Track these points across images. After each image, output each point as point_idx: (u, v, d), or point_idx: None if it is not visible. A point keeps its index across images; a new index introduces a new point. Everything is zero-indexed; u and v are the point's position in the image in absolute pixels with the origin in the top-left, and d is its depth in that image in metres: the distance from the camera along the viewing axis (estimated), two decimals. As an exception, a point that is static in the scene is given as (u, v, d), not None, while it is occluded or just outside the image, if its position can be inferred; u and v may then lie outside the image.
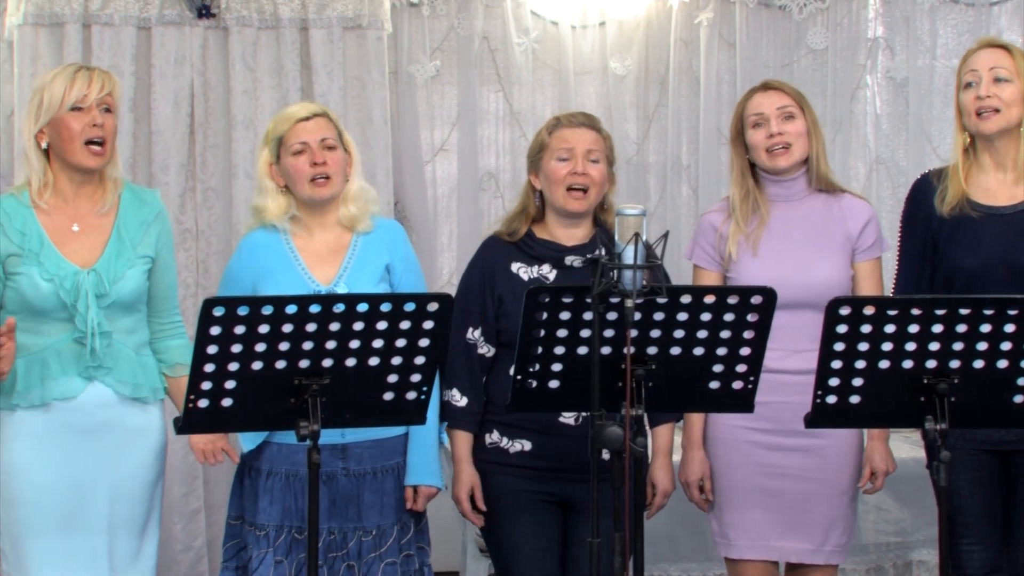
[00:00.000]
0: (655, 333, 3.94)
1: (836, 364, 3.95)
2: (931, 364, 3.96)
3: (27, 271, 4.34)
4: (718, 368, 4.03)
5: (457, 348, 4.67)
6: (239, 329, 3.78)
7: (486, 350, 4.70)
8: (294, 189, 4.64)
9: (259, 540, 4.58)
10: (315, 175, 4.60)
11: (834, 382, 3.98)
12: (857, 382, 3.98)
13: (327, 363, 3.88)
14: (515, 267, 4.69)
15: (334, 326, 3.84)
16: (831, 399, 4.00)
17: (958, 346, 3.94)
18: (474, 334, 4.69)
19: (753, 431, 4.69)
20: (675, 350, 3.97)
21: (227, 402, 3.87)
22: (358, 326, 3.87)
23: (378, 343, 3.91)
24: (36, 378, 4.35)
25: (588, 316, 3.87)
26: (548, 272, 4.67)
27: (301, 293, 4.41)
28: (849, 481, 4.79)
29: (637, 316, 3.86)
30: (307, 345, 3.84)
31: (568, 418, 4.60)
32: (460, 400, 4.69)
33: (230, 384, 3.85)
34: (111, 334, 4.41)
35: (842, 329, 3.91)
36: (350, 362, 3.90)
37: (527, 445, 4.65)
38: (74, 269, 4.36)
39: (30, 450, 4.35)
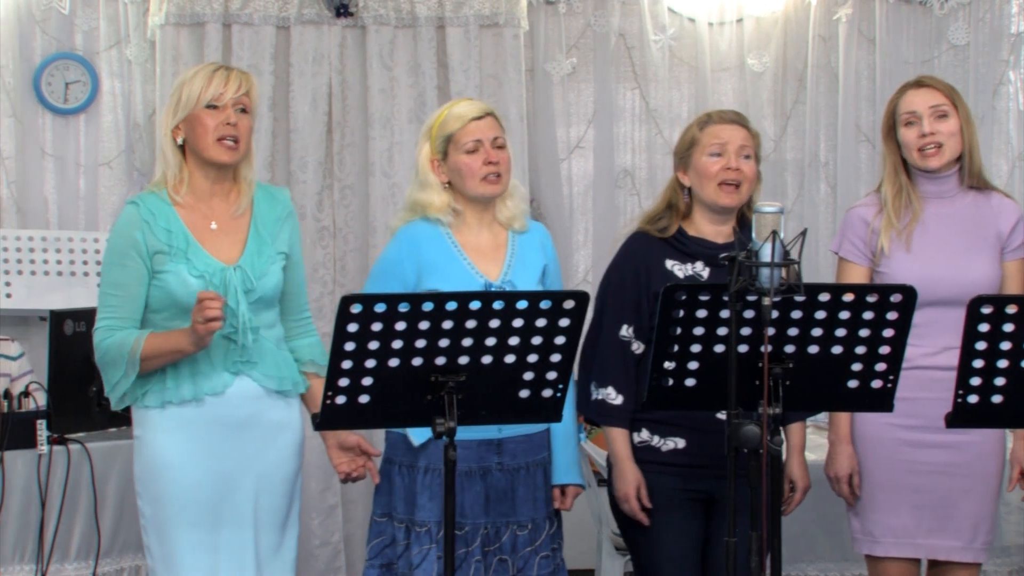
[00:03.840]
0: (793, 331, 3.92)
1: (978, 363, 3.91)
2: (1076, 364, 3.90)
3: (175, 268, 4.38)
4: (857, 367, 3.99)
5: (611, 345, 4.65)
6: (376, 326, 3.79)
7: (636, 347, 4.67)
8: (462, 186, 4.64)
9: (420, 537, 4.57)
10: (488, 173, 4.62)
11: (976, 382, 3.93)
12: (999, 382, 3.93)
13: (463, 360, 3.88)
14: (669, 264, 4.66)
15: (470, 323, 3.84)
16: (972, 399, 3.96)
17: (1103, 345, 3.89)
18: (628, 331, 4.66)
19: (900, 428, 4.64)
20: (813, 348, 3.95)
21: (364, 399, 3.89)
22: (494, 324, 3.86)
23: (514, 340, 3.90)
24: (186, 374, 4.40)
25: (725, 314, 3.86)
26: (702, 270, 4.64)
27: (469, 288, 4.43)
28: (996, 478, 4.74)
29: (775, 314, 3.84)
30: (443, 342, 3.85)
31: (724, 414, 4.56)
32: (616, 398, 4.66)
33: (367, 381, 3.87)
34: (259, 329, 4.46)
35: (984, 328, 3.86)
36: (486, 359, 3.90)
37: (680, 443, 4.62)
38: (221, 266, 4.40)
39: (180, 446, 4.39)
